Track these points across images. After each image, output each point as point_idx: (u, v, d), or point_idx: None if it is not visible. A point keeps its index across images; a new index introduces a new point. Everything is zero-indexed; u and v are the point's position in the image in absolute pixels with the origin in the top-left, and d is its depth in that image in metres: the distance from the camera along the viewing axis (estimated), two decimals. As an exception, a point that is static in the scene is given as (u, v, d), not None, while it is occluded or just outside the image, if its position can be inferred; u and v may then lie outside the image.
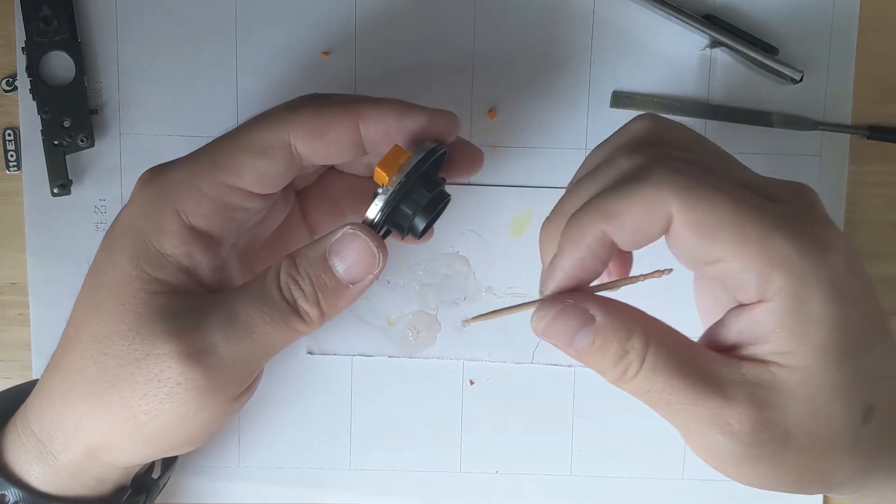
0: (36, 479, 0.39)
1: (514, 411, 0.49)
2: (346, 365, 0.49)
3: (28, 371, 0.49)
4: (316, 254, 0.36)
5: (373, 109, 0.37)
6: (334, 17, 0.48)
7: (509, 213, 0.48)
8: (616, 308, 0.33)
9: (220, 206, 0.37)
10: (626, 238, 0.32)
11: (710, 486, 0.49)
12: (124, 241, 0.37)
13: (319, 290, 0.36)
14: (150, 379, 0.36)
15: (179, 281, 0.37)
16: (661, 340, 0.33)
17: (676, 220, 0.31)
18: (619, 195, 0.32)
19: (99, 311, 0.37)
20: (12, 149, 0.48)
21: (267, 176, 0.37)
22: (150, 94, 0.48)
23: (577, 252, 0.33)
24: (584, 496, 0.50)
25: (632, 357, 0.32)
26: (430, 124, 0.38)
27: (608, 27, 0.48)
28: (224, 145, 0.38)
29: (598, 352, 0.33)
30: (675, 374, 0.32)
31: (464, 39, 0.48)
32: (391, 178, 0.36)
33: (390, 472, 0.50)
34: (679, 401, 0.32)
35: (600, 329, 0.33)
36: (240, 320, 0.36)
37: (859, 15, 0.48)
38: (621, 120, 0.48)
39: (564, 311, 0.33)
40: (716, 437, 0.32)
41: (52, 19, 0.46)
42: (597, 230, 0.32)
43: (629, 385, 0.33)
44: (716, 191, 0.31)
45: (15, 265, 0.49)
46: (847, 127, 0.48)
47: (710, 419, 0.32)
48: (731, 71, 0.48)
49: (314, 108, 0.37)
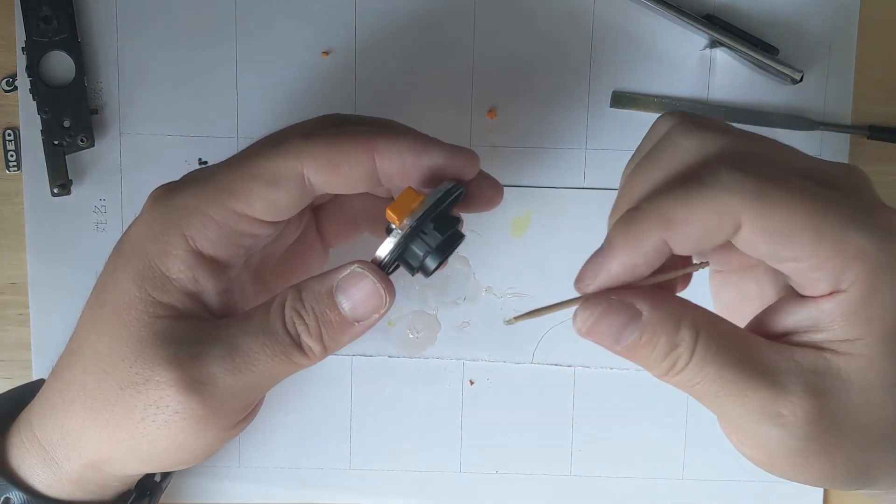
0: (40, 482, 0.39)
1: (514, 411, 0.49)
2: (346, 365, 0.49)
3: (28, 371, 0.49)
4: (322, 289, 0.36)
5: (389, 144, 0.36)
6: (334, 17, 0.48)
7: (509, 214, 0.48)
8: (662, 300, 0.32)
9: (229, 233, 0.36)
10: (687, 246, 0.31)
11: (710, 486, 0.49)
12: (130, 261, 0.37)
13: (323, 326, 0.36)
14: (148, 405, 0.35)
15: (184, 305, 0.36)
16: (710, 330, 0.31)
17: (747, 227, 0.30)
18: (684, 200, 0.31)
19: (102, 329, 0.37)
20: (12, 149, 0.48)
21: (277, 205, 0.36)
22: (150, 94, 0.48)
23: (631, 258, 0.31)
24: (584, 496, 0.50)
25: (682, 350, 0.31)
26: (448, 162, 0.37)
27: (608, 27, 0.48)
28: (235, 171, 0.37)
29: (647, 346, 0.32)
30: (726, 365, 0.31)
31: (464, 40, 0.48)
32: (403, 222, 0.35)
33: (390, 472, 0.50)
34: (729, 392, 0.31)
35: (648, 324, 0.31)
36: (241, 352, 0.35)
37: (859, 15, 0.48)
38: (621, 120, 0.48)
39: (610, 309, 0.32)
40: (768, 429, 0.31)
41: (52, 19, 0.46)
42: (656, 238, 0.31)
43: (677, 378, 0.32)
44: (786, 192, 0.30)
45: (15, 265, 0.49)
46: (847, 127, 0.48)
47: (762, 410, 0.31)
48: (731, 71, 0.48)
49: (329, 139, 0.36)
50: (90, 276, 0.48)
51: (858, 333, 0.31)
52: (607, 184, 0.48)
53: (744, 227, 0.30)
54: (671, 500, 0.50)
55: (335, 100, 0.48)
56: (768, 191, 0.30)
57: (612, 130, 0.48)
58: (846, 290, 0.30)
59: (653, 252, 0.31)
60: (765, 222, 0.30)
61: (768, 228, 0.30)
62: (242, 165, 0.37)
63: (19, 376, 0.49)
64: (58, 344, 0.48)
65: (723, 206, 0.30)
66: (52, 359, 0.48)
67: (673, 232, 0.31)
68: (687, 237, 0.31)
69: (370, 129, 0.37)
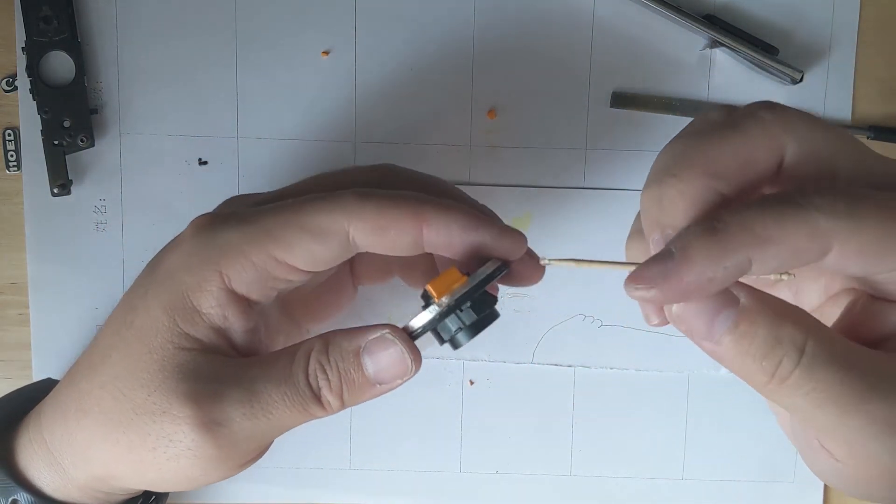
0: (48, 486, 0.39)
1: (514, 411, 0.49)
2: (346, 365, 0.49)
3: (28, 371, 0.49)
4: (350, 347, 0.36)
5: (439, 217, 0.36)
6: (334, 17, 0.48)
7: (509, 213, 0.48)
8: (762, 293, 0.29)
9: (265, 276, 0.36)
10: (772, 266, 0.29)
11: (710, 486, 0.49)
12: (162, 289, 0.37)
13: (345, 384, 0.36)
14: (161, 436, 0.36)
15: (209, 340, 0.36)
16: (821, 331, 0.29)
17: (838, 249, 0.28)
18: (778, 219, 0.28)
19: (126, 350, 0.37)
20: (12, 149, 0.48)
21: (319, 258, 0.36)
22: (150, 94, 0.48)
23: (710, 271, 0.28)
24: (584, 496, 0.50)
25: (787, 348, 0.28)
26: (495, 244, 0.36)
27: (608, 27, 0.48)
28: (282, 216, 0.36)
29: (743, 339, 0.29)
30: (848, 370, 0.28)
31: (464, 40, 0.48)
32: (441, 300, 0.35)
33: (390, 472, 0.50)
34: (848, 402, 0.28)
35: (746, 311, 0.29)
36: (260, 399, 0.35)
37: (859, 15, 0.48)
38: (621, 120, 0.48)
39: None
40: (883, 443, 0.29)
41: (52, 19, 0.46)
42: (742, 255, 0.28)
43: (784, 387, 0.29)
44: (876, 209, 0.29)
45: (15, 265, 0.49)
46: (847, 127, 0.48)
47: (885, 422, 0.28)
48: (731, 71, 0.48)
49: (380, 203, 0.36)
50: (90, 276, 0.48)
51: None
52: (607, 184, 0.48)
53: (834, 250, 0.29)
54: (671, 500, 0.50)
55: (335, 100, 0.48)
56: (861, 213, 0.28)
57: (612, 130, 0.48)
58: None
59: (734, 268, 0.28)
60: (858, 244, 0.29)
61: (861, 248, 0.29)
62: (290, 212, 0.36)
63: (19, 376, 0.49)
64: (58, 344, 0.48)
65: (816, 230, 0.28)
66: (53, 359, 0.49)
67: (763, 251, 0.28)
68: (775, 257, 0.28)
69: (422, 196, 0.37)
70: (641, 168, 0.47)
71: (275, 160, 0.48)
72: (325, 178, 0.40)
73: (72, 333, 0.49)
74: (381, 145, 0.48)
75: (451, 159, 0.48)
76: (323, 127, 0.48)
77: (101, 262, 0.49)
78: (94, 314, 0.49)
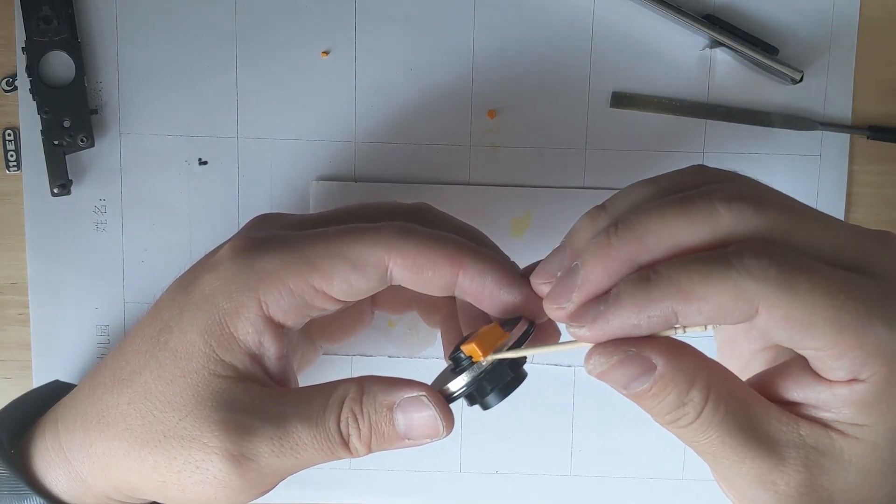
0: (64, 492, 0.39)
1: (514, 411, 0.49)
2: (346, 365, 0.49)
3: (28, 371, 0.49)
4: (385, 401, 0.36)
5: (476, 266, 0.36)
6: (334, 17, 0.48)
7: (509, 214, 0.48)
8: (679, 353, 0.31)
9: (302, 304, 0.36)
10: (697, 320, 0.30)
11: (710, 486, 0.49)
12: (199, 312, 0.37)
13: (375, 435, 0.36)
14: (188, 461, 0.36)
15: (244, 367, 0.37)
16: (721, 392, 0.31)
17: (764, 314, 0.30)
18: (705, 276, 0.30)
19: (159, 371, 0.37)
20: (12, 149, 0.48)
21: (356, 289, 0.36)
22: (150, 94, 0.48)
23: (635, 319, 0.31)
24: (584, 496, 0.50)
25: (689, 409, 0.31)
26: (525, 304, 0.37)
27: (608, 27, 0.48)
28: (323, 246, 0.37)
29: (654, 398, 0.32)
30: (731, 431, 0.31)
31: (464, 40, 0.48)
32: (483, 360, 0.35)
33: (390, 472, 0.50)
34: (727, 455, 0.31)
35: (660, 378, 0.31)
36: (290, 438, 0.36)
37: (859, 15, 0.48)
38: (621, 120, 0.48)
39: (627, 360, 0.31)
40: (758, 493, 0.32)
41: (52, 19, 0.46)
42: (667, 307, 0.30)
43: (678, 431, 0.32)
44: (810, 283, 0.29)
45: (15, 265, 0.49)
46: (847, 127, 0.48)
47: (758, 477, 0.31)
48: (731, 71, 0.48)
49: (420, 242, 0.36)
50: (90, 276, 0.48)
51: (869, 421, 0.31)
52: (607, 184, 0.48)
53: (761, 314, 0.30)
54: (671, 500, 0.50)
55: (335, 100, 0.48)
56: (791, 281, 0.29)
57: (612, 130, 0.48)
58: (864, 380, 0.30)
59: (658, 319, 0.30)
60: (785, 312, 0.29)
61: (788, 318, 0.29)
62: (331, 241, 0.37)
63: (19, 376, 0.49)
64: (58, 344, 0.48)
65: (742, 292, 0.29)
66: (53, 359, 0.49)
67: (686, 305, 0.30)
68: (699, 313, 0.30)
69: (461, 241, 0.37)
70: (641, 168, 0.47)
71: (275, 160, 0.48)
72: (362, 210, 0.40)
73: (72, 333, 0.49)
74: (381, 145, 0.48)
75: (451, 159, 0.48)
76: (323, 127, 0.48)
77: (101, 262, 0.49)
78: (94, 314, 0.49)
